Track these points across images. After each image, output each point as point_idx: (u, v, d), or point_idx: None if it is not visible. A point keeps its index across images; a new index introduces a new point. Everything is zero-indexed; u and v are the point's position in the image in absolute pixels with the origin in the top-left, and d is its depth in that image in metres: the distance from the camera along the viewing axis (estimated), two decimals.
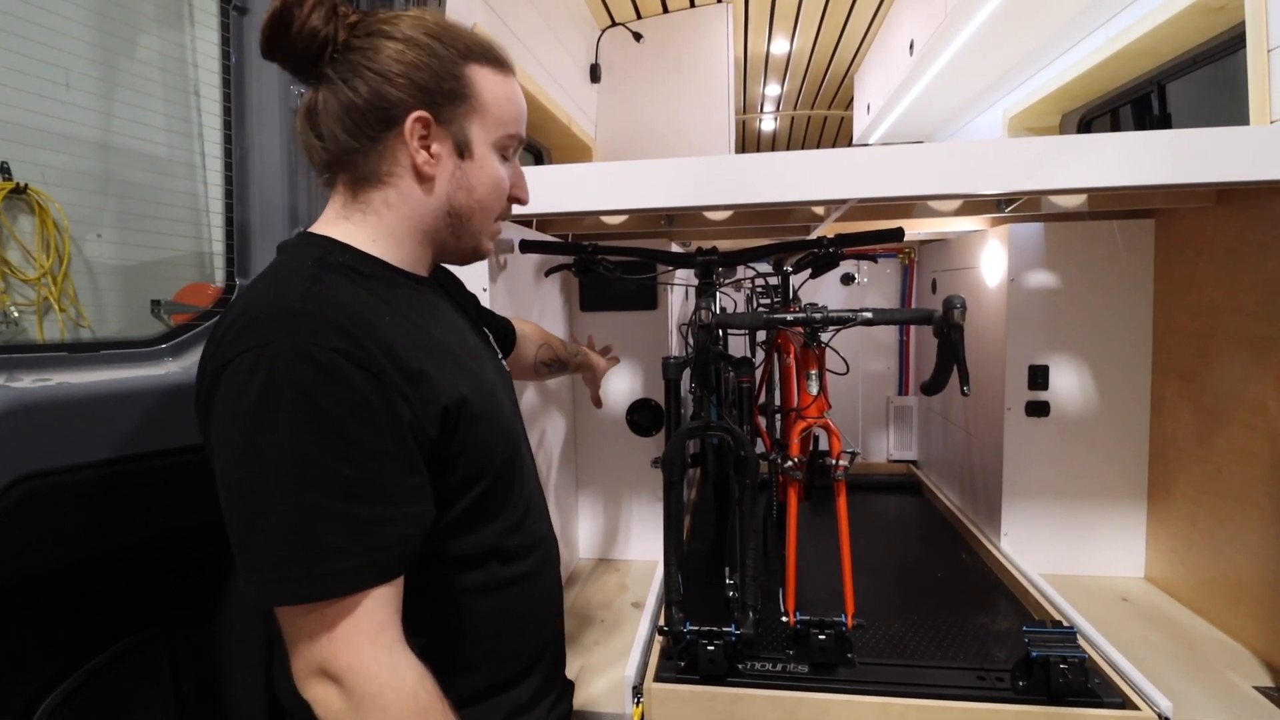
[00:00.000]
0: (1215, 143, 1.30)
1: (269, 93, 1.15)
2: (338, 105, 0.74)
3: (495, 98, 0.79)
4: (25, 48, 1.63)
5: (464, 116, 0.77)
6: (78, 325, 1.87)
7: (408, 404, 0.68)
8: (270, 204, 1.16)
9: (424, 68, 0.74)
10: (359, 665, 0.63)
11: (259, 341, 0.64)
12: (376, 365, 0.66)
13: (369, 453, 0.65)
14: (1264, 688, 1.45)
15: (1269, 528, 1.55)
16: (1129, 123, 2.60)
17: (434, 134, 0.76)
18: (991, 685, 1.37)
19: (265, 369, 0.62)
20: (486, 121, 0.79)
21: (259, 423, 0.62)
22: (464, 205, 0.80)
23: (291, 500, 0.62)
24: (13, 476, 0.82)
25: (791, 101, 5.77)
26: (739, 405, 1.85)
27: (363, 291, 0.72)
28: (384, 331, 0.68)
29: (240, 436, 0.63)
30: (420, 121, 0.75)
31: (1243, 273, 1.64)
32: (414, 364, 0.69)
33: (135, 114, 1.86)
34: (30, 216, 1.77)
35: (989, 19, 2.51)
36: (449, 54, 0.75)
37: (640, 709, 1.41)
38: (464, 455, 0.74)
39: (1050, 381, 2.06)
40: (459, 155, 0.78)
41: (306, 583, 0.63)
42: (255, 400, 0.62)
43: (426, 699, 0.66)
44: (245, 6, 1.14)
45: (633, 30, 3.67)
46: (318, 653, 0.64)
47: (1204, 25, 1.95)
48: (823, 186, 1.42)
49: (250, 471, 0.63)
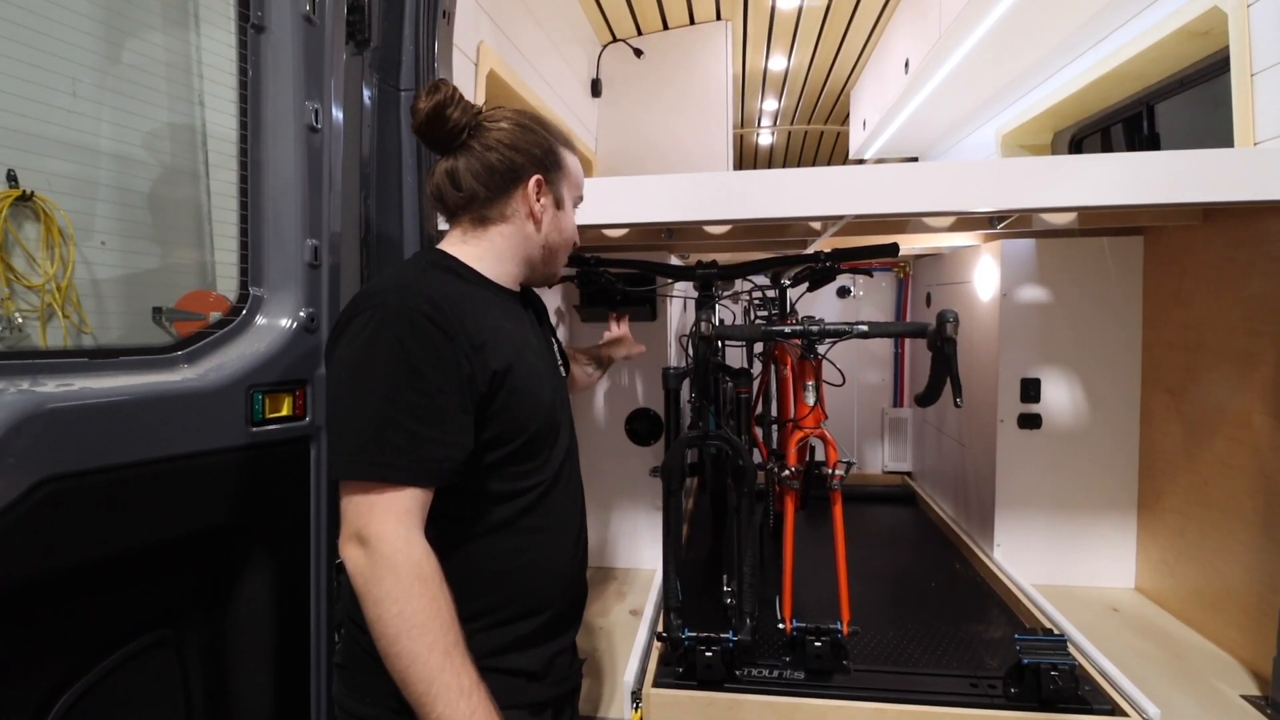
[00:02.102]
0: (1201, 164, 1.35)
1: (284, 108, 1.18)
2: (478, 166, 1.03)
3: (573, 169, 1.12)
4: (33, 57, 1.66)
5: (559, 181, 1.09)
6: (80, 331, 1.89)
7: (469, 362, 0.91)
8: (283, 215, 1.19)
9: (538, 145, 1.05)
10: (383, 533, 0.84)
11: (378, 304, 0.90)
12: (452, 330, 0.90)
13: (436, 389, 0.88)
14: (1251, 696, 1.48)
15: (1255, 539, 1.59)
16: (1119, 141, 2.66)
17: (543, 191, 1.07)
18: (984, 692, 1.39)
19: (377, 320, 0.89)
20: (569, 185, 1.11)
21: (367, 355, 0.88)
22: (556, 242, 1.11)
23: (375, 409, 0.86)
24: (36, 479, 0.84)
25: (789, 117, 5.84)
26: (737, 415, 1.88)
27: (457, 286, 0.98)
28: (462, 312, 0.93)
29: (352, 361, 0.89)
30: (538, 181, 1.06)
31: (1228, 289, 1.68)
32: (479, 337, 0.93)
33: (140, 123, 1.89)
34: (35, 224, 1.79)
35: (982, 39, 2.57)
36: (548, 138, 1.07)
37: (639, 714, 1.43)
38: (502, 414, 0.95)
39: (1042, 394, 2.09)
40: (557, 207, 1.10)
41: (368, 467, 0.85)
42: (367, 339, 0.88)
43: (429, 569, 0.85)
44: (263, 25, 1.17)
45: (633, 46, 3.73)
46: (357, 520, 0.85)
47: (1190, 49, 2.01)
48: (820, 203, 1.46)
49: (354, 386, 0.88)
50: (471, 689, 0.83)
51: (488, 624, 0.96)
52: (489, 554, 0.97)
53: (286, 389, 1.18)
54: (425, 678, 0.81)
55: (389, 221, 1.45)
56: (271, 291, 1.20)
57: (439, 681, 0.81)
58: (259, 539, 1.14)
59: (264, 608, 1.15)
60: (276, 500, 1.16)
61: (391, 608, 0.82)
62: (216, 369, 1.09)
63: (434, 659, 0.82)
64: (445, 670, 0.82)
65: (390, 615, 0.82)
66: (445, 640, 0.83)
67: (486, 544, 0.97)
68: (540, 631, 1.02)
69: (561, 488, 1.07)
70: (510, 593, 0.98)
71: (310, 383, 1.22)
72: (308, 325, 1.21)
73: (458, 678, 0.83)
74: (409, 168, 1.47)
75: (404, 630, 0.82)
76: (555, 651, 1.05)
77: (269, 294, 1.20)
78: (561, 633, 1.07)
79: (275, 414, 1.16)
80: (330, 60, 1.25)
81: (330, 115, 1.25)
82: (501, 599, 0.98)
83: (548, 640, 1.03)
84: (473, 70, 1.98)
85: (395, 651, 0.82)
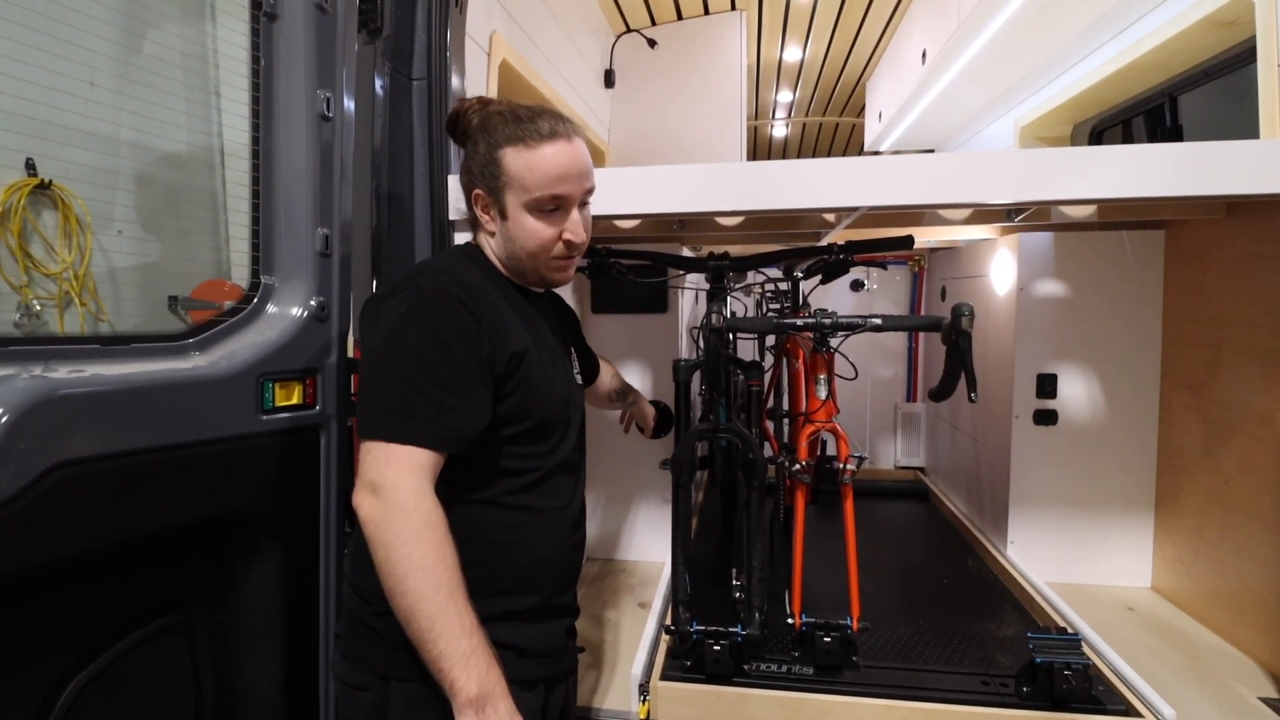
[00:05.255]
0: (1225, 155, 1.31)
1: (296, 96, 1.18)
2: None
3: (517, 171, 1.03)
4: (52, 46, 1.67)
5: (500, 189, 1.05)
6: (97, 319, 1.91)
7: (491, 343, 0.97)
8: (296, 204, 1.19)
9: (478, 158, 1.06)
10: (396, 481, 0.89)
11: (414, 285, 0.98)
12: (479, 313, 0.97)
13: (462, 364, 0.94)
14: (1269, 699, 1.46)
15: (1275, 539, 1.56)
16: (1141, 133, 2.61)
17: (487, 202, 1.08)
18: (996, 690, 1.38)
19: (412, 299, 0.96)
20: (514, 189, 1.05)
21: (402, 328, 0.94)
22: (512, 251, 1.08)
23: (405, 377, 0.93)
24: (48, 464, 0.85)
25: (804, 108, 5.78)
26: (747, 408, 1.87)
27: (483, 278, 1.05)
28: (488, 299, 1.00)
29: (388, 334, 0.95)
30: (478, 196, 1.08)
31: (1251, 285, 1.65)
32: (501, 324, 1.00)
33: (157, 112, 1.90)
34: (54, 212, 1.81)
35: (1001, 30, 2.52)
36: (486, 146, 1.05)
37: (646, 707, 1.43)
38: (514, 395, 1.01)
39: (1058, 390, 2.07)
40: (503, 217, 1.07)
41: (393, 427, 0.91)
42: (402, 315, 0.95)
43: (437, 516, 0.90)
44: (275, 13, 1.17)
45: (647, 37, 3.69)
46: (372, 471, 0.90)
47: (1215, 39, 1.96)
48: (834, 194, 1.44)
49: (388, 357, 0.95)
50: (472, 629, 0.88)
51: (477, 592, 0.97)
52: (485, 523, 1.01)
53: (297, 377, 1.18)
54: (429, 615, 0.85)
55: (400, 210, 1.45)
56: (283, 280, 1.21)
57: (442, 619, 0.85)
58: (269, 526, 1.15)
59: (273, 595, 1.15)
60: (286, 488, 1.17)
61: (400, 549, 0.86)
62: (228, 357, 1.10)
63: (439, 599, 0.86)
64: (449, 610, 0.86)
65: (399, 556, 0.86)
66: (449, 582, 0.88)
67: (484, 513, 1.01)
68: (532, 612, 1.05)
69: (561, 478, 1.10)
70: (502, 566, 1.02)
71: (320, 371, 1.22)
72: (318, 314, 1.21)
73: (459, 617, 0.87)
74: (420, 157, 1.46)
75: (411, 570, 0.86)
76: (547, 634, 1.07)
77: (280, 283, 1.21)
78: (554, 618, 1.10)
79: (286, 402, 1.16)
80: (342, 49, 1.25)
81: (342, 104, 1.25)
82: (493, 571, 1.01)
83: (538, 622, 1.06)
84: (485, 60, 1.97)
85: (402, 590, 0.86)
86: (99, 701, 0.95)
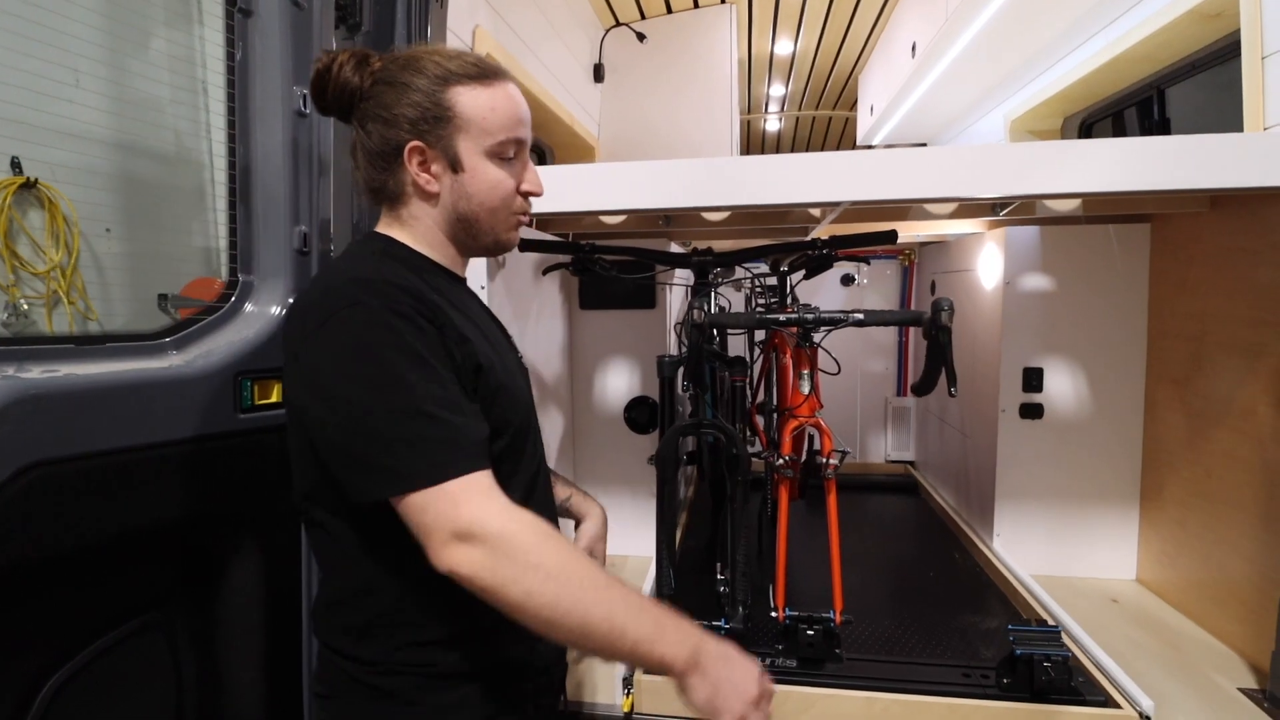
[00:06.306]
0: (1209, 148, 1.31)
1: (273, 92, 1.18)
2: (364, 150, 0.91)
3: (477, 110, 0.89)
4: (36, 48, 1.66)
5: (450, 136, 0.88)
6: (86, 318, 1.91)
7: (460, 353, 0.84)
8: (274, 201, 1.19)
9: (411, 104, 0.87)
10: (484, 515, 0.76)
11: (349, 302, 0.80)
12: (439, 322, 0.83)
13: (447, 379, 0.81)
14: (1249, 689, 1.47)
15: (1257, 532, 1.57)
16: (1131, 126, 2.61)
17: (429, 157, 0.89)
18: (976, 682, 1.39)
19: (362, 319, 0.79)
20: (472, 134, 0.89)
21: (365, 357, 0.78)
22: (468, 211, 0.92)
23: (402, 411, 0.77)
24: (21, 464, 0.84)
25: (796, 102, 5.78)
26: (732, 404, 1.88)
27: (415, 278, 0.87)
28: (434, 305, 0.84)
29: (348, 370, 0.78)
30: (414, 150, 0.88)
31: (1234, 278, 1.65)
32: (461, 330, 0.86)
33: (143, 112, 1.89)
34: (40, 211, 1.80)
35: (989, 23, 2.52)
36: (429, 84, 0.87)
37: (630, 699, 1.43)
38: (487, 412, 0.87)
39: (1044, 384, 2.07)
40: (453, 170, 0.90)
41: (432, 467, 0.76)
42: (357, 342, 0.79)
43: (545, 525, 0.79)
44: (249, 8, 1.16)
45: (636, 30, 3.68)
46: (447, 523, 0.75)
47: (1201, 32, 1.96)
48: (818, 189, 1.44)
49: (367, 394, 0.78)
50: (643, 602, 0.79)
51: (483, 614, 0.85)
52: None
53: (276, 376, 1.18)
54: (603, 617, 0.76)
55: None
56: (261, 278, 1.21)
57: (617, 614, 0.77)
58: (248, 525, 1.15)
59: (254, 593, 1.16)
60: (266, 487, 1.17)
61: (534, 576, 0.75)
62: (205, 355, 1.09)
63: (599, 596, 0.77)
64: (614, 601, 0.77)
65: (537, 584, 0.75)
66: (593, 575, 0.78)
67: None
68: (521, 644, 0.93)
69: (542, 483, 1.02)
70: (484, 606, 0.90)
71: None
72: None
73: (625, 601, 0.78)
74: None
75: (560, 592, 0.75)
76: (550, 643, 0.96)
77: (259, 280, 1.20)
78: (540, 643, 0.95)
79: (264, 400, 1.16)
80: (319, 44, 1.24)
81: None
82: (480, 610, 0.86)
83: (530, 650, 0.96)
84: None
85: (562, 612, 0.75)
86: (77, 699, 0.95)
